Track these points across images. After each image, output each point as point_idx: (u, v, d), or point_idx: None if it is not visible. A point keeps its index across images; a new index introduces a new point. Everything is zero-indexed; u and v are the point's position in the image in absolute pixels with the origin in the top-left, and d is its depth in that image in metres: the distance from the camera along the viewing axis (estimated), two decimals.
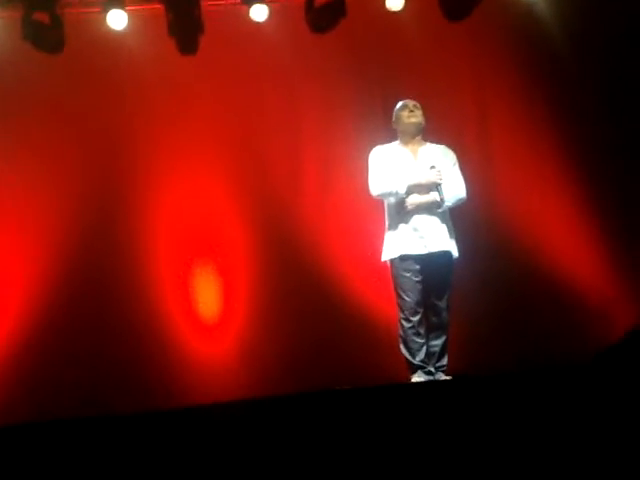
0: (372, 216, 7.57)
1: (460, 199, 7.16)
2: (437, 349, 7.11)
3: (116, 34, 7.98)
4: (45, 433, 5.98)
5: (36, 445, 5.65)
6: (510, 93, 8.63)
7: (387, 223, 7.16)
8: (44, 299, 8.17)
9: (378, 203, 7.34)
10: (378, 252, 7.25)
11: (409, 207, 7.00)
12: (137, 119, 8.37)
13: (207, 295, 8.42)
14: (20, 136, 8.24)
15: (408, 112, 7.19)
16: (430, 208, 7.04)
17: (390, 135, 7.47)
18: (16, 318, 8.13)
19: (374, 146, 7.35)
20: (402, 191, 7.00)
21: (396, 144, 7.26)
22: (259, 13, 8.09)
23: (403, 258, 7.03)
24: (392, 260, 7.10)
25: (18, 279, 8.19)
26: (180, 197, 8.42)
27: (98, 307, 8.20)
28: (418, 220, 7.03)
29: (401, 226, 7.05)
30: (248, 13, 8.09)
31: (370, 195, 7.24)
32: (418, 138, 7.23)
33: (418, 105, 7.22)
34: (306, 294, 8.28)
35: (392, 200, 7.07)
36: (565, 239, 8.46)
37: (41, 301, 8.17)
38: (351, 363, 7.99)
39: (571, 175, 8.52)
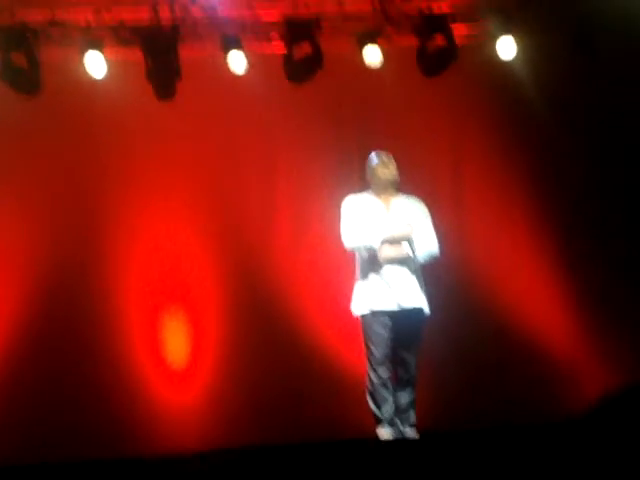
0: (345, 267, 7.54)
1: (432, 255, 7.13)
2: (405, 404, 7.06)
3: (94, 79, 7.96)
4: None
5: None
6: (484, 147, 8.67)
7: (358, 275, 7.12)
8: (11, 343, 8.09)
9: (350, 254, 7.31)
10: (349, 302, 7.22)
11: (381, 260, 6.97)
12: (112, 162, 8.34)
13: (176, 342, 8.35)
14: None
15: (382, 166, 7.17)
16: (402, 262, 7.00)
17: (364, 185, 7.47)
18: None
19: (346, 194, 7.34)
20: (375, 245, 6.97)
21: (369, 194, 7.24)
22: (238, 64, 8.09)
23: (374, 313, 6.99)
24: (363, 315, 7.06)
25: None
26: (152, 241, 8.38)
27: (66, 351, 8.11)
28: (390, 275, 6.99)
29: (373, 280, 7.01)
30: (226, 62, 8.11)
31: (342, 246, 7.22)
32: (391, 189, 7.21)
33: (391, 157, 7.21)
34: (276, 344, 8.22)
35: (364, 253, 7.04)
36: (536, 298, 8.47)
37: (7, 345, 8.09)
38: (319, 415, 7.93)
39: (545, 231, 8.56)
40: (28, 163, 8.25)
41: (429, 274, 7.22)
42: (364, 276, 7.07)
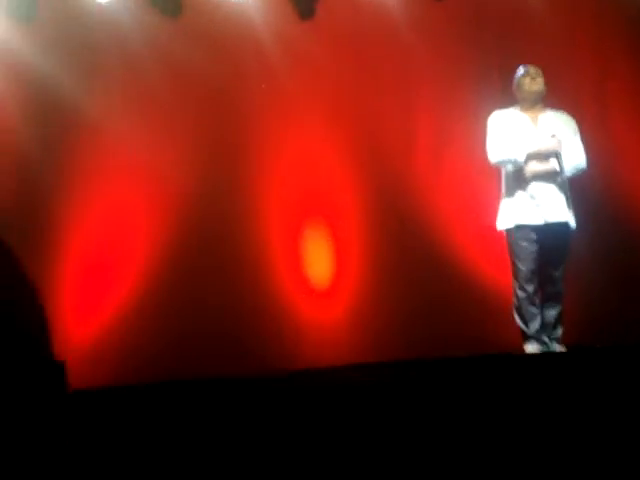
0: (489, 185, 7.46)
1: (581, 169, 7.00)
2: (552, 319, 6.99)
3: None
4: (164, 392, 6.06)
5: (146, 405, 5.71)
6: (630, 65, 8.40)
7: (504, 191, 7.03)
8: (158, 262, 8.19)
9: (495, 170, 7.22)
10: (494, 220, 7.14)
11: (527, 175, 6.87)
12: (254, 83, 8.33)
13: (318, 261, 8.37)
14: (141, 95, 8.24)
15: (530, 79, 7.04)
16: (549, 177, 6.89)
17: (506, 101, 7.33)
18: (131, 281, 8.19)
19: (489, 112, 7.21)
20: (521, 159, 6.87)
21: (516, 110, 7.11)
22: None
23: (519, 227, 6.91)
24: (508, 229, 6.98)
25: (128, 245, 8.22)
26: (294, 162, 8.35)
27: (208, 269, 8.15)
28: (536, 189, 6.89)
29: (518, 195, 6.92)
30: None
31: (487, 162, 7.11)
32: (539, 105, 7.07)
33: (540, 71, 7.07)
34: (419, 261, 8.16)
35: (510, 168, 6.95)
36: None
37: (155, 263, 8.20)
38: (464, 331, 7.88)
39: None
40: (172, 85, 8.21)
41: (574, 188, 7.10)
42: (509, 191, 6.98)
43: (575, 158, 6.97)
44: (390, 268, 8.23)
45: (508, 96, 7.37)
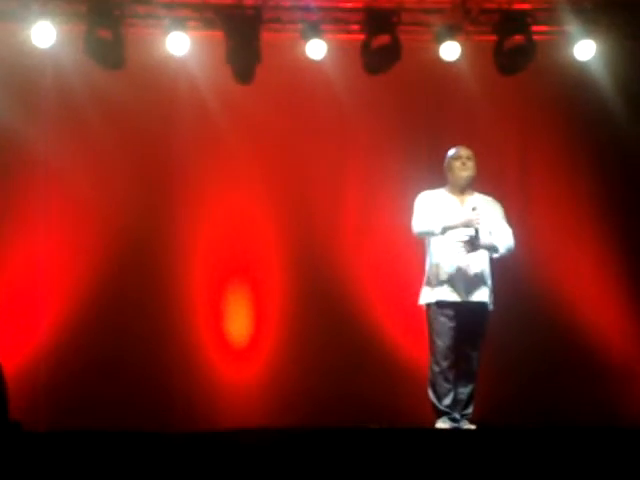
0: (410, 258, 7.53)
1: (510, 249, 7.10)
2: (464, 397, 7.03)
3: (176, 56, 8.00)
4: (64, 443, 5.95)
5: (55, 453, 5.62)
6: (552, 145, 8.58)
7: (427, 266, 7.10)
8: (77, 309, 8.13)
9: (419, 244, 7.29)
10: (415, 293, 7.19)
11: (450, 251, 6.93)
12: (188, 139, 8.33)
13: (238, 321, 8.37)
14: (78, 141, 8.24)
15: (460, 163, 7.11)
16: (471, 256, 6.97)
17: (433, 181, 7.43)
18: (46, 330, 8.11)
19: (416, 190, 7.30)
20: (438, 230, 6.92)
21: (444, 191, 7.20)
22: (316, 50, 8.10)
23: (440, 303, 6.97)
24: (428, 304, 7.05)
25: (53, 284, 8.15)
26: (220, 220, 8.37)
27: (129, 325, 8.12)
28: (458, 268, 6.97)
29: (441, 271, 6.99)
30: (305, 47, 8.12)
31: (410, 234, 7.19)
32: (468, 189, 7.17)
33: (471, 155, 7.14)
34: (338, 329, 8.18)
35: (430, 237, 6.99)
36: (600, 296, 8.39)
37: (74, 311, 8.14)
38: (378, 402, 7.91)
39: (610, 229, 8.49)
40: (106, 136, 8.21)
41: (496, 268, 7.20)
42: (432, 267, 7.04)
43: (505, 239, 7.08)
44: (309, 333, 8.23)
45: (434, 174, 7.47)
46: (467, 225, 6.97)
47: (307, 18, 8.09)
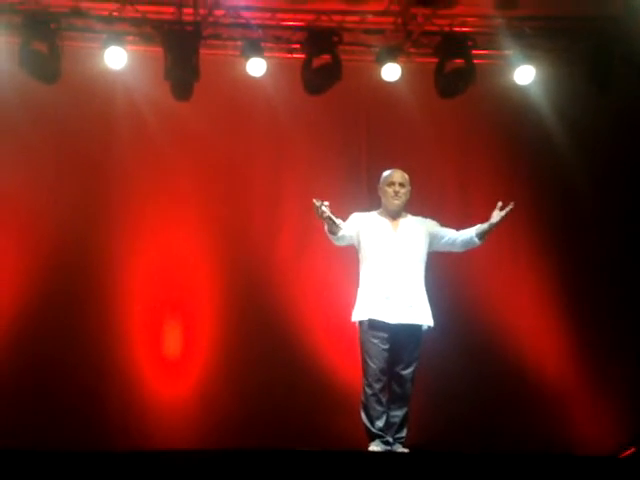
0: (347, 280, 7.47)
1: (472, 240, 7.01)
2: (397, 420, 6.92)
3: (113, 71, 7.91)
4: None
5: None
6: (491, 167, 8.58)
7: (360, 284, 7.03)
8: (10, 339, 8.01)
9: (354, 267, 7.24)
10: (349, 314, 7.14)
11: (384, 275, 6.85)
12: (123, 155, 8.21)
13: (173, 341, 8.28)
14: (10, 154, 8.10)
15: (393, 192, 7.04)
16: (405, 278, 6.92)
17: (372, 202, 7.38)
18: None
19: (355, 210, 7.25)
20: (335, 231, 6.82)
21: (377, 214, 7.14)
22: (256, 67, 8.04)
23: (373, 324, 6.90)
24: (361, 323, 6.97)
25: None
26: (158, 234, 8.27)
27: (64, 347, 8.01)
28: (392, 289, 6.91)
29: (374, 291, 6.91)
30: (245, 64, 8.06)
31: (351, 256, 7.13)
32: (401, 212, 7.12)
33: (405, 180, 7.04)
34: (273, 350, 8.09)
35: (334, 239, 6.90)
36: (535, 320, 8.40)
37: (6, 340, 8.01)
38: (311, 424, 7.84)
39: (546, 252, 8.50)
40: (40, 152, 8.09)
41: (431, 290, 7.16)
42: (366, 285, 6.98)
43: (460, 235, 7.02)
44: (243, 355, 8.11)
45: (374, 194, 7.40)
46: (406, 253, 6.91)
47: (247, 36, 8.03)
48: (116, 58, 7.79)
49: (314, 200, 6.63)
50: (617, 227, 8.57)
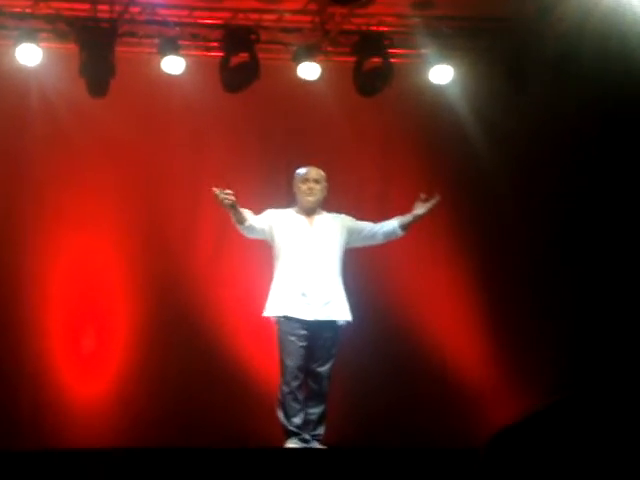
0: (263, 278, 7.44)
1: (394, 231, 7.01)
2: (314, 417, 6.91)
3: (27, 68, 7.79)
4: None
5: None
6: (411, 167, 8.55)
7: (274, 280, 7.00)
8: None
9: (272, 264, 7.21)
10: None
11: (299, 269, 6.82)
12: (38, 155, 8.10)
13: (89, 340, 8.18)
14: None
15: (307, 188, 7.03)
16: (321, 274, 6.91)
17: (290, 202, 7.37)
18: None
19: (274, 203, 7.25)
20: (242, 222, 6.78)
21: (292, 210, 7.12)
22: (173, 65, 7.98)
23: (289, 320, 6.87)
24: (278, 320, 6.94)
25: None
26: (73, 233, 8.17)
27: None
28: (307, 285, 6.89)
29: (290, 287, 6.90)
30: (162, 62, 7.99)
31: (269, 256, 7.11)
32: (316, 208, 7.11)
33: (321, 176, 7.03)
34: (188, 348, 8.00)
35: (241, 229, 6.87)
36: (453, 319, 8.41)
37: None
38: (227, 422, 7.78)
39: (464, 251, 8.51)
40: None
41: (349, 285, 7.16)
42: (279, 281, 6.95)
43: (382, 227, 7.01)
44: (158, 353, 8.02)
45: (293, 193, 7.41)
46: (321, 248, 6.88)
47: (164, 33, 7.96)
48: (29, 55, 7.67)
49: (214, 189, 6.58)
50: (535, 227, 8.62)
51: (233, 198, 6.62)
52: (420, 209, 6.99)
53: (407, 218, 7.03)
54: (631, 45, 7.68)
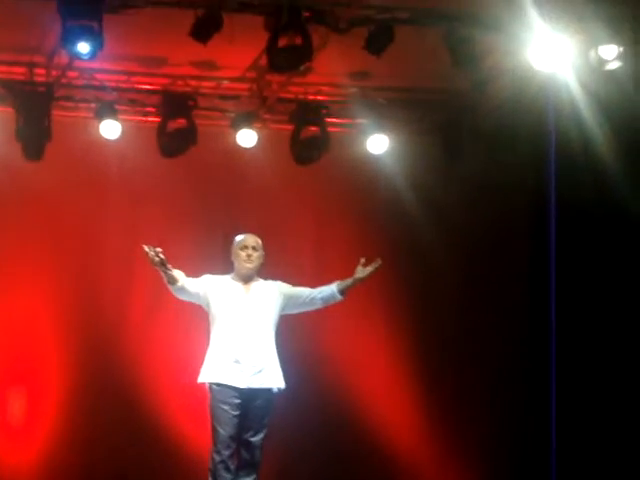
0: (200, 344, 7.39)
1: (333, 295, 6.99)
2: None
3: None
4: None
5: None
6: (346, 235, 8.61)
7: (210, 347, 6.94)
8: None
9: (206, 329, 7.16)
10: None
11: (233, 336, 6.78)
12: None
13: (17, 409, 8.07)
14: None
15: (246, 255, 7.00)
16: (255, 341, 6.86)
17: (227, 267, 7.34)
18: None
19: (210, 268, 7.21)
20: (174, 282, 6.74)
21: (229, 277, 7.10)
22: (110, 130, 7.99)
23: (221, 388, 6.79)
24: (211, 387, 6.87)
25: None
26: (6, 298, 8.11)
27: None
28: (241, 353, 6.83)
29: (223, 354, 6.83)
30: (99, 127, 8.00)
31: (204, 321, 7.06)
32: (253, 276, 7.09)
33: (259, 244, 6.99)
34: (120, 415, 7.93)
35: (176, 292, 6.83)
36: (387, 383, 8.45)
37: None
38: None
39: (399, 320, 8.58)
40: None
41: (282, 350, 7.13)
42: (214, 347, 6.88)
43: (320, 292, 6.97)
44: (91, 419, 7.97)
45: (230, 259, 7.38)
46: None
47: (101, 98, 7.98)
48: None
49: (144, 246, 6.52)
50: (469, 290, 8.71)
51: (162, 256, 6.57)
52: (361, 273, 6.99)
53: (347, 282, 7.02)
54: (564, 118, 7.83)
